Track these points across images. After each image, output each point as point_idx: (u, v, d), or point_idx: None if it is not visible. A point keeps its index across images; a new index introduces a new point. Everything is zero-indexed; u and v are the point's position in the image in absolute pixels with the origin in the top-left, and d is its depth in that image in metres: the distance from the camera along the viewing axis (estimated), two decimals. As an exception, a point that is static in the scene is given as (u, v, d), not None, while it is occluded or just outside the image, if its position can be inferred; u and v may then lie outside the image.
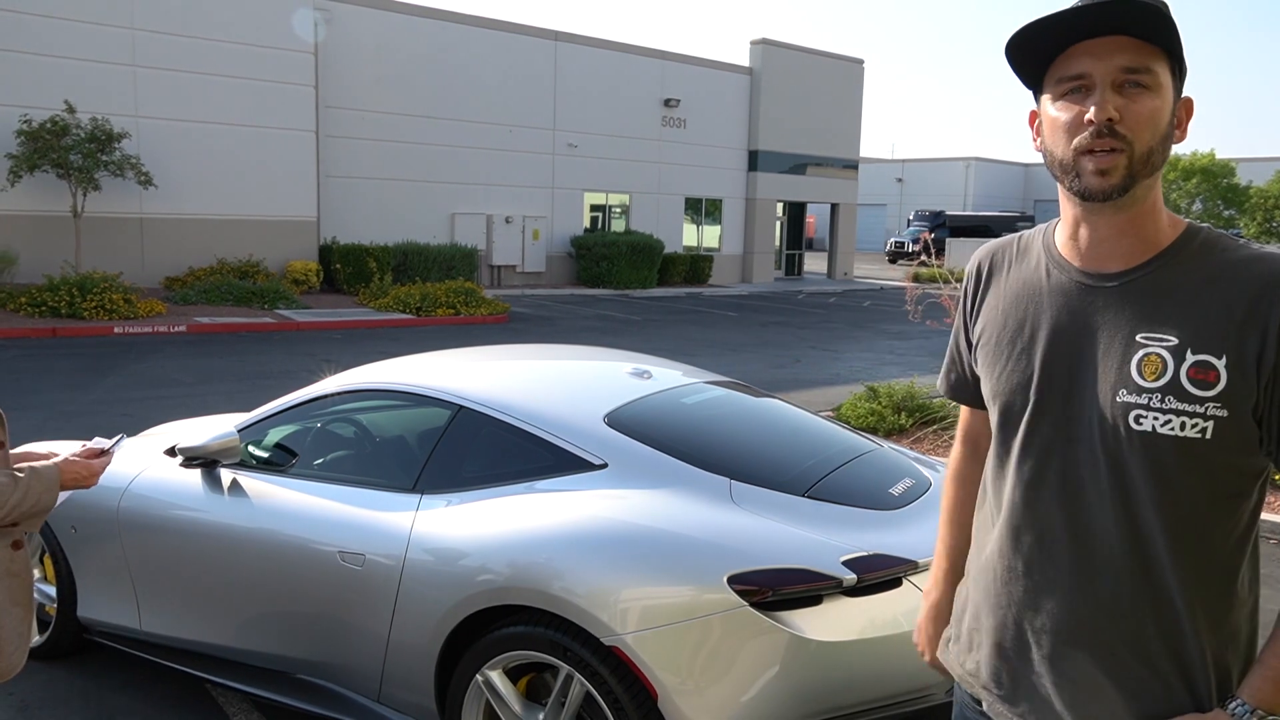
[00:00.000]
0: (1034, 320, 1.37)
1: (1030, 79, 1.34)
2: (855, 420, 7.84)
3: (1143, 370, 1.25)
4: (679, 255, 25.96)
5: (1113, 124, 1.22)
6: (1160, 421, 1.23)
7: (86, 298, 13.96)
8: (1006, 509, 1.40)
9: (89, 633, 3.70)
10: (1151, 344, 1.25)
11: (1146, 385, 1.24)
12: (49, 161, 14.95)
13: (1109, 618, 1.29)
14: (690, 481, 2.78)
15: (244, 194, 18.17)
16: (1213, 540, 1.26)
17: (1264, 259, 1.25)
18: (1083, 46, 1.25)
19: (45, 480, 2.07)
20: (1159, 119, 1.24)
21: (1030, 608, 1.37)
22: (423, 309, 16.52)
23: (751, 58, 28.19)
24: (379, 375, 3.47)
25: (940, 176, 58.53)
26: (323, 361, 11.29)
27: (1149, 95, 1.23)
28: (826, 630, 2.44)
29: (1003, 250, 1.49)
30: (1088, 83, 1.24)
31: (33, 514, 2.06)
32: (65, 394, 9.14)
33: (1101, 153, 1.23)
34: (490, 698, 2.71)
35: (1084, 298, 1.33)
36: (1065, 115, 1.27)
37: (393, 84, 20.87)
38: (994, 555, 1.43)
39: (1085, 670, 1.32)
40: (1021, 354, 1.38)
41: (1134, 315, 1.28)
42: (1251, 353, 1.20)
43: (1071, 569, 1.32)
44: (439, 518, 2.86)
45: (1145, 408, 1.24)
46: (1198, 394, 1.22)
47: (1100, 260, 1.33)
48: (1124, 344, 1.27)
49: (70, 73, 16.07)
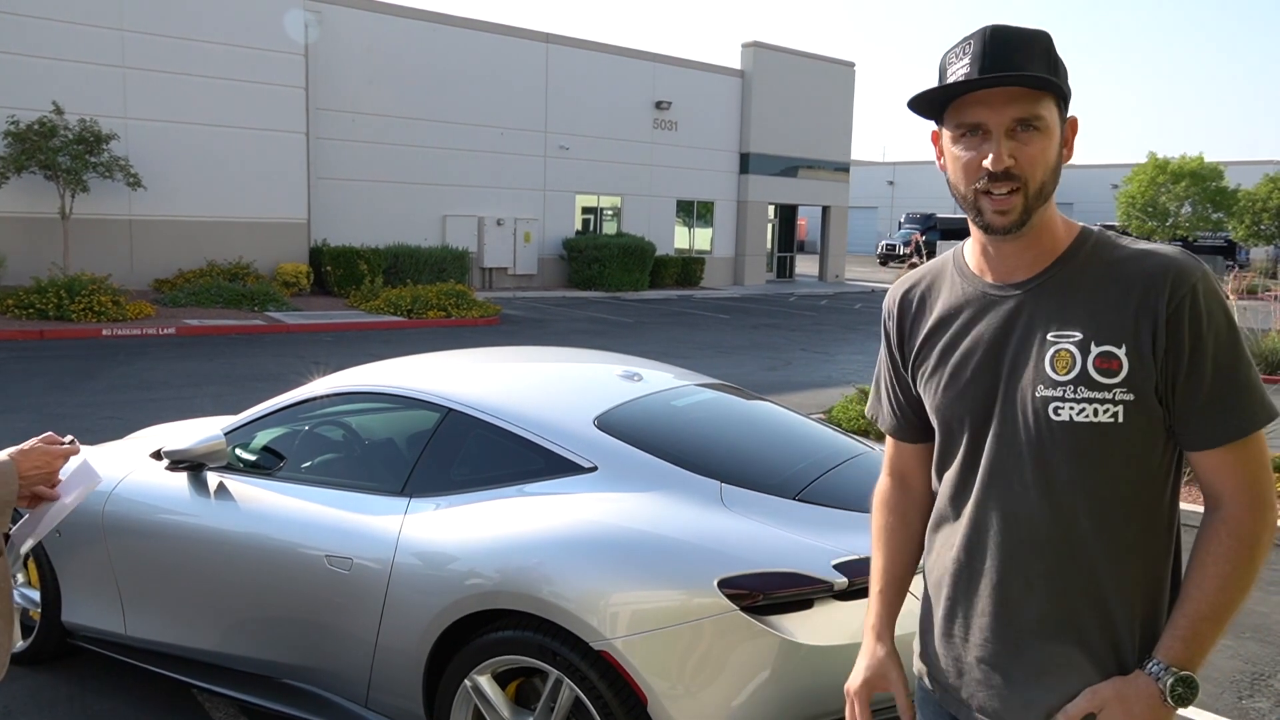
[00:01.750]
0: (961, 334, 1.48)
1: (930, 114, 1.46)
2: (847, 423, 7.84)
3: (1055, 365, 1.37)
4: (671, 258, 25.96)
5: (1009, 170, 1.35)
6: (1076, 410, 1.35)
7: (75, 300, 13.88)
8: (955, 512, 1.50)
9: (73, 637, 3.66)
10: (1061, 341, 1.37)
11: (1059, 379, 1.36)
12: (36, 163, 14.87)
13: (1042, 600, 1.40)
14: (680, 485, 2.77)
15: (234, 196, 18.09)
16: (1137, 518, 1.38)
17: (1149, 255, 1.37)
18: (976, 97, 1.36)
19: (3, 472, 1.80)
20: (1048, 155, 1.37)
21: (970, 598, 1.48)
22: (414, 311, 16.47)
23: (743, 60, 28.22)
24: (367, 378, 3.44)
25: (931, 179, 58.66)
26: (312, 364, 11.23)
27: (1039, 137, 1.35)
28: (817, 634, 2.43)
29: (915, 284, 1.60)
30: (984, 130, 1.36)
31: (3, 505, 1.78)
32: (53, 396, 9.07)
33: (999, 195, 1.36)
34: (479, 703, 2.69)
35: (1000, 307, 1.45)
36: (965, 156, 1.38)
37: (383, 86, 20.81)
38: (948, 559, 1.51)
39: (1024, 653, 1.42)
40: (956, 366, 1.48)
41: (1043, 317, 1.40)
42: (1146, 339, 1.33)
43: (1007, 559, 1.42)
44: (427, 521, 2.84)
45: (1061, 399, 1.36)
46: (1105, 382, 1.34)
47: (1008, 273, 1.45)
48: (1038, 344, 1.39)
49: (59, 74, 15.98)
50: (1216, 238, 37.55)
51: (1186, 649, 1.34)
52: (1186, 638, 1.34)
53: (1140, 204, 36.31)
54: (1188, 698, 1.33)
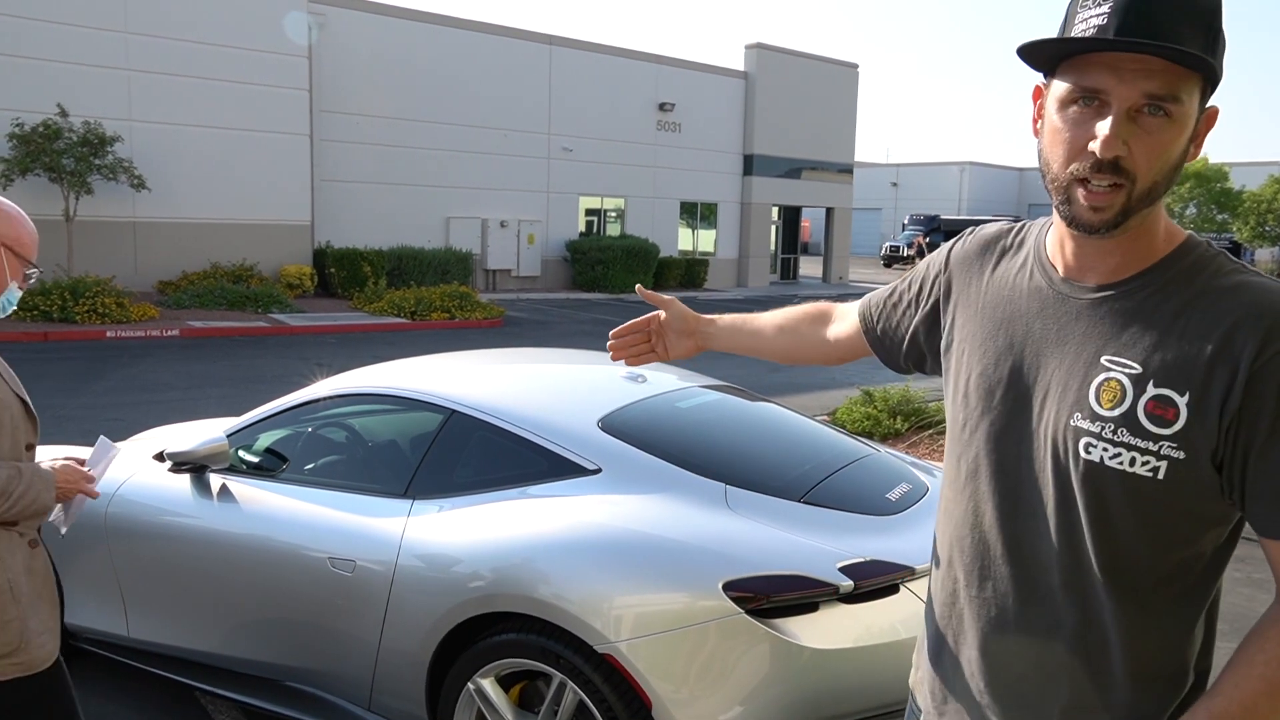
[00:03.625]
0: (1008, 324, 1.29)
1: (1042, 65, 1.20)
2: (851, 425, 7.82)
3: (1100, 396, 1.16)
4: (674, 259, 25.94)
5: (1118, 160, 1.10)
6: (1109, 454, 1.14)
7: (79, 301, 13.89)
8: (956, 523, 1.35)
9: (76, 639, 3.65)
10: (1115, 369, 1.15)
11: (1101, 413, 1.15)
12: (41, 165, 14.88)
13: (1041, 640, 1.24)
14: (685, 487, 2.75)
15: (238, 198, 18.11)
16: (1161, 586, 1.18)
17: (1248, 287, 1.12)
18: (1107, 58, 1.09)
19: (44, 479, 2.15)
20: (1172, 151, 1.11)
21: (965, 622, 1.34)
22: (417, 313, 16.47)
23: (746, 62, 28.21)
24: (371, 379, 3.43)
25: (935, 181, 58.63)
26: (315, 366, 11.23)
27: (1168, 126, 1.10)
28: (823, 637, 2.41)
29: (995, 241, 1.39)
30: (1103, 101, 1.11)
31: (31, 513, 2.14)
32: (57, 398, 9.08)
33: (1099, 189, 1.12)
34: (482, 706, 2.67)
35: (1059, 307, 1.24)
36: (1069, 132, 1.14)
37: (387, 88, 20.83)
38: (944, 570, 1.39)
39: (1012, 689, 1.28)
40: (992, 360, 1.30)
41: (1103, 334, 1.18)
42: (1217, 393, 1.09)
43: (1009, 589, 1.27)
44: (431, 523, 2.82)
45: (1097, 436, 1.15)
46: (1153, 430, 1.12)
47: (1082, 271, 1.24)
48: (1087, 363, 1.18)
49: (63, 76, 16.00)
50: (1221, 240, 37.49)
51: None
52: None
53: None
54: None
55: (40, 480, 2.14)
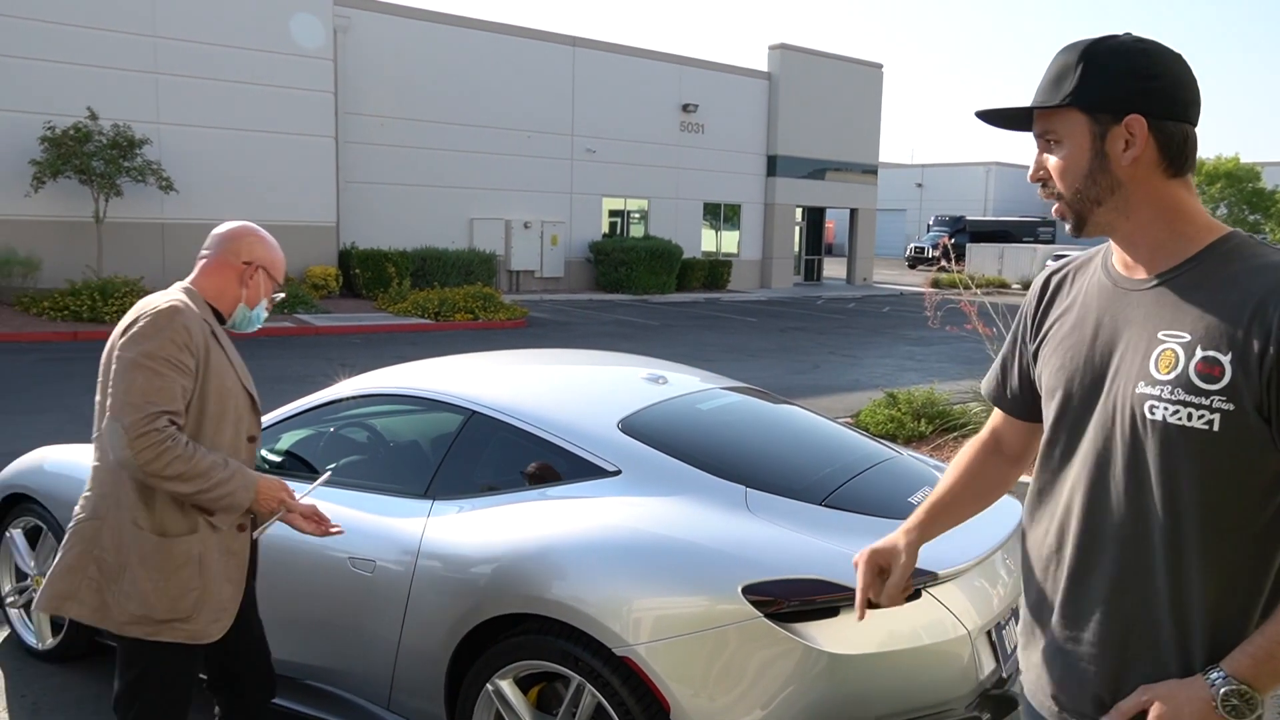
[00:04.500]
0: (1084, 320, 1.50)
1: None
2: (874, 427, 7.76)
3: (1159, 364, 1.36)
4: (697, 260, 25.91)
5: (1041, 178, 1.48)
6: (1170, 412, 1.33)
7: (108, 302, 14.08)
8: (1052, 493, 1.52)
9: (100, 636, 3.68)
10: (1168, 340, 1.36)
11: (1160, 378, 1.35)
12: (72, 168, 15.09)
13: (1114, 592, 1.41)
14: (705, 489, 2.74)
15: (264, 199, 18.27)
16: (1225, 529, 1.33)
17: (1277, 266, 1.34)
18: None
19: (247, 481, 2.32)
20: (1072, 164, 1.43)
21: (1054, 578, 1.50)
22: (441, 314, 16.55)
23: (770, 62, 28.13)
24: (392, 379, 3.44)
25: (960, 181, 58.21)
26: (339, 366, 11.31)
27: (1059, 148, 1.44)
28: (843, 642, 2.39)
29: (1065, 266, 1.63)
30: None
31: (226, 506, 2.31)
32: (86, 397, 9.19)
33: (1051, 202, 1.48)
34: (500, 707, 2.67)
35: (1122, 300, 1.46)
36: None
37: (411, 90, 20.95)
38: (1041, 539, 1.54)
39: (1089, 641, 1.44)
40: (1072, 349, 1.50)
41: (1158, 316, 1.40)
42: (1254, 350, 1.28)
43: (1088, 545, 1.44)
44: (450, 524, 2.83)
45: (1158, 399, 1.35)
46: (1204, 387, 1.31)
47: (1132, 268, 1.47)
48: (1147, 341, 1.39)
49: (93, 80, 16.22)
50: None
51: (1255, 666, 1.30)
52: (1259, 656, 1.30)
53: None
54: (1243, 712, 1.29)
55: (243, 481, 2.30)
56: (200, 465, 2.21)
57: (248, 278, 2.51)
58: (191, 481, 2.20)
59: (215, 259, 2.50)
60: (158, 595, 2.27)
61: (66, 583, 2.31)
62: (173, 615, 2.28)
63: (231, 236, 2.51)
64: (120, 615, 2.29)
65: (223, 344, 2.44)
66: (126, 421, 2.17)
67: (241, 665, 2.61)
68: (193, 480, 2.20)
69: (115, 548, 2.29)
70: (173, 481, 2.19)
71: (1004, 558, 2.88)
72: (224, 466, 2.26)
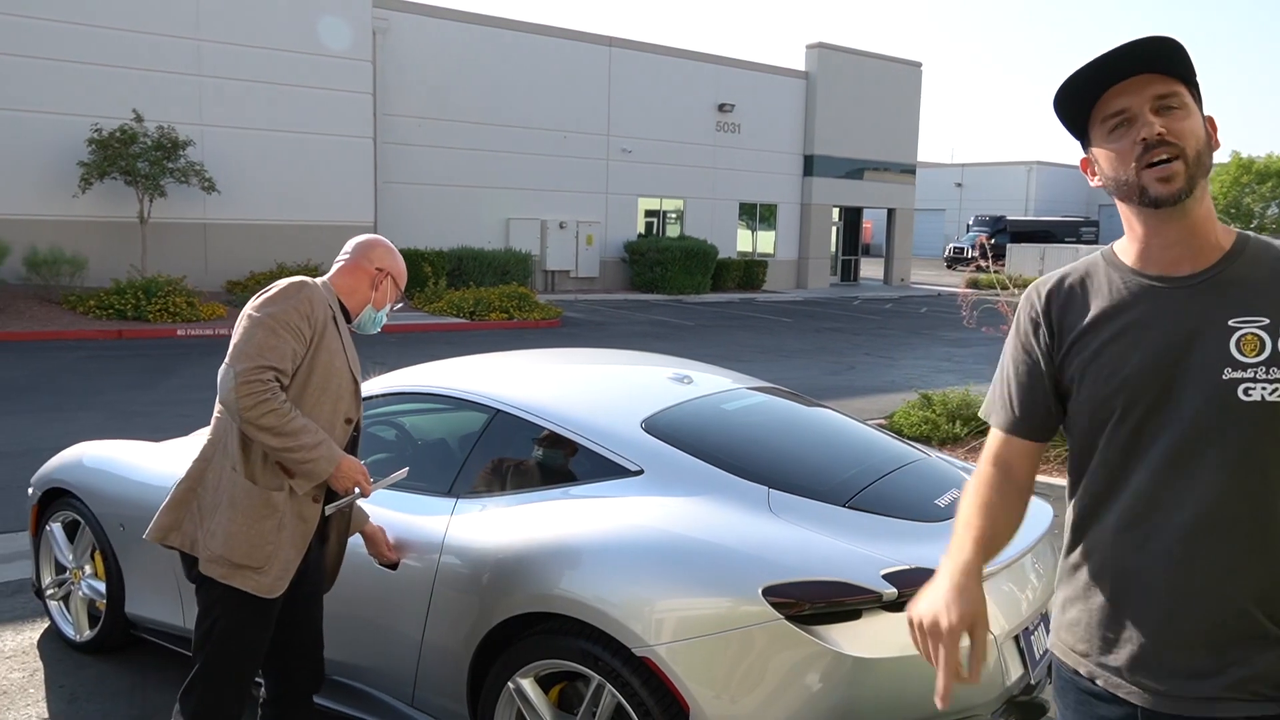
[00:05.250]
0: (1128, 326, 1.48)
1: (1077, 129, 1.53)
2: (908, 429, 7.68)
3: (1243, 348, 1.39)
4: (733, 261, 25.84)
5: (1163, 136, 1.41)
6: (1269, 390, 1.37)
7: (151, 301, 14.35)
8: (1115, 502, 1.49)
9: (136, 628, 3.75)
10: (1246, 326, 1.40)
11: (1249, 360, 1.39)
12: (118, 169, 15.40)
13: (1230, 581, 1.39)
14: (727, 489, 2.72)
15: (303, 200, 18.51)
16: None
17: None
18: (1117, 89, 1.45)
19: (331, 452, 2.48)
20: (1197, 129, 1.44)
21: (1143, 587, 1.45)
22: (476, 313, 16.66)
23: (807, 61, 27.97)
24: (418, 378, 3.47)
25: (1001, 181, 57.44)
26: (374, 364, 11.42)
27: (1183, 113, 1.43)
28: (865, 646, 2.36)
29: (1065, 277, 1.59)
30: (1129, 115, 1.44)
31: (306, 472, 2.48)
32: (128, 394, 9.38)
33: (1160, 163, 1.41)
34: (521, 706, 2.67)
35: (1170, 297, 1.46)
36: (1119, 145, 1.45)
37: (448, 91, 21.12)
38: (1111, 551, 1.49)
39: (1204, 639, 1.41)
40: (1123, 352, 1.48)
41: (1222, 305, 1.43)
42: None
43: (1188, 544, 1.41)
44: (473, 522, 2.84)
45: (1253, 380, 1.38)
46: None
47: (1173, 264, 1.47)
48: (1219, 330, 1.41)
49: (139, 83, 16.54)
50: (1304, 240, 36.04)
51: None
52: None
53: (1222, 205, 35.05)
54: None
55: (328, 453, 2.46)
56: (292, 425, 2.40)
57: (378, 283, 2.77)
58: (281, 437, 2.39)
59: (351, 262, 2.78)
60: (239, 539, 2.45)
61: (171, 516, 2.55)
62: (247, 562, 2.45)
63: (369, 245, 2.81)
64: (205, 551, 2.48)
65: (341, 330, 2.65)
66: (239, 368, 2.39)
67: (295, 651, 2.72)
68: (282, 436, 2.39)
69: (214, 488, 2.51)
70: (264, 433, 2.38)
71: (1033, 562, 2.83)
72: (314, 433, 2.44)
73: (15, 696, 3.50)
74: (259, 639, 2.55)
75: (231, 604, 2.48)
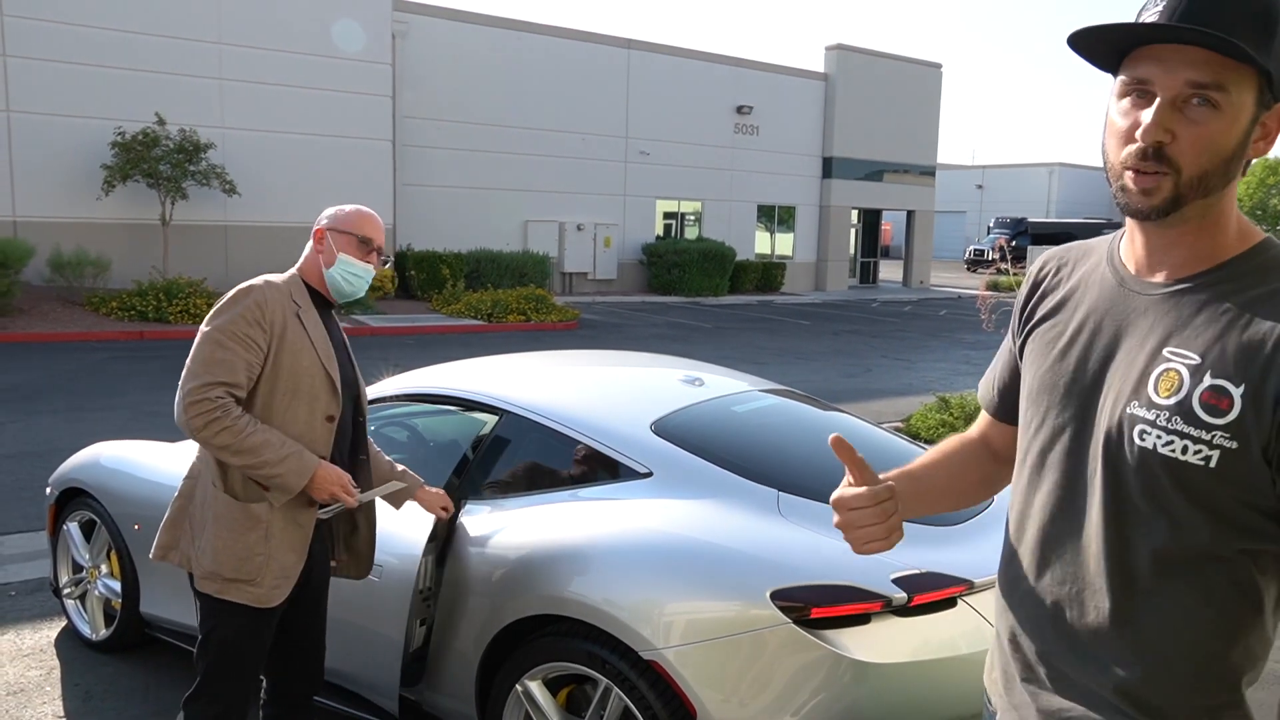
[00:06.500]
0: (1081, 323, 1.31)
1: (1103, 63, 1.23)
2: (925, 432, 7.64)
3: (1159, 385, 1.17)
4: (751, 263, 25.77)
5: (1161, 147, 1.13)
6: (1162, 441, 1.15)
7: (172, 302, 14.47)
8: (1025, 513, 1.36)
9: (150, 628, 3.78)
10: (1175, 359, 1.17)
11: (1158, 401, 1.16)
12: (140, 172, 15.53)
13: (1087, 623, 1.24)
14: (737, 492, 2.70)
15: (323, 202, 18.33)
16: (1213, 582, 1.16)
17: None
18: (1155, 50, 1.13)
19: (301, 464, 2.38)
20: (1220, 143, 1.13)
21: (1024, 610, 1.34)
22: (494, 315, 16.70)
23: (826, 63, 27.88)
24: (428, 379, 3.47)
25: (1022, 183, 57.04)
26: (391, 366, 11.47)
27: (1214, 116, 1.12)
28: (874, 651, 2.34)
29: (1064, 255, 1.43)
30: (1150, 90, 1.15)
31: (277, 486, 2.39)
32: (149, 395, 9.45)
33: (1146, 173, 1.15)
34: (529, 708, 2.67)
35: (1127, 303, 1.26)
36: (1121, 121, 1.18)
37: (467, 93, 21.19)
38: (1008, 562, 1.40)
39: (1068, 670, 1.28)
40: (1062, 353, 1.32)
41: (1168, 327, 1.20)
42: (1273, 388, 1.09)
43: (1059, 577, 1.28)
44: (481, 524, 2.84)
45: (1151, 424, 1.16)
46: (1207, 420, 1.13)
47: (1150, 269, 1.26)
48: (1150, 355, 1.20)
49: (161, 86, 16.68)
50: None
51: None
52: None
53: (1248, 207, 34.64)
54: None
55: (297, 466, 2.37)
56: (249, 441, 2.32)
57: (319, 245, 2.61)
58: (240, 454, 2.32)
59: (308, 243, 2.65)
60: (226, 554, 2.41)
61: (169, 534, 2.54)
62: (238, 575, 2.41)
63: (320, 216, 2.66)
64: (198, 568, 2.46)
65: (306, 325, 2.51)
66: (186, 388, 2.35)
67: (297, 654, 2.71)
68: (241, 454, 2.32)
69: (202, 504, 2.49)
70: (222, 451, 2.33)
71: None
72: (278, 447, 2.34)
73: (32, 694, 3.53)
74: (258, 646, 2.54)
75: (229, 614, 2.47)
